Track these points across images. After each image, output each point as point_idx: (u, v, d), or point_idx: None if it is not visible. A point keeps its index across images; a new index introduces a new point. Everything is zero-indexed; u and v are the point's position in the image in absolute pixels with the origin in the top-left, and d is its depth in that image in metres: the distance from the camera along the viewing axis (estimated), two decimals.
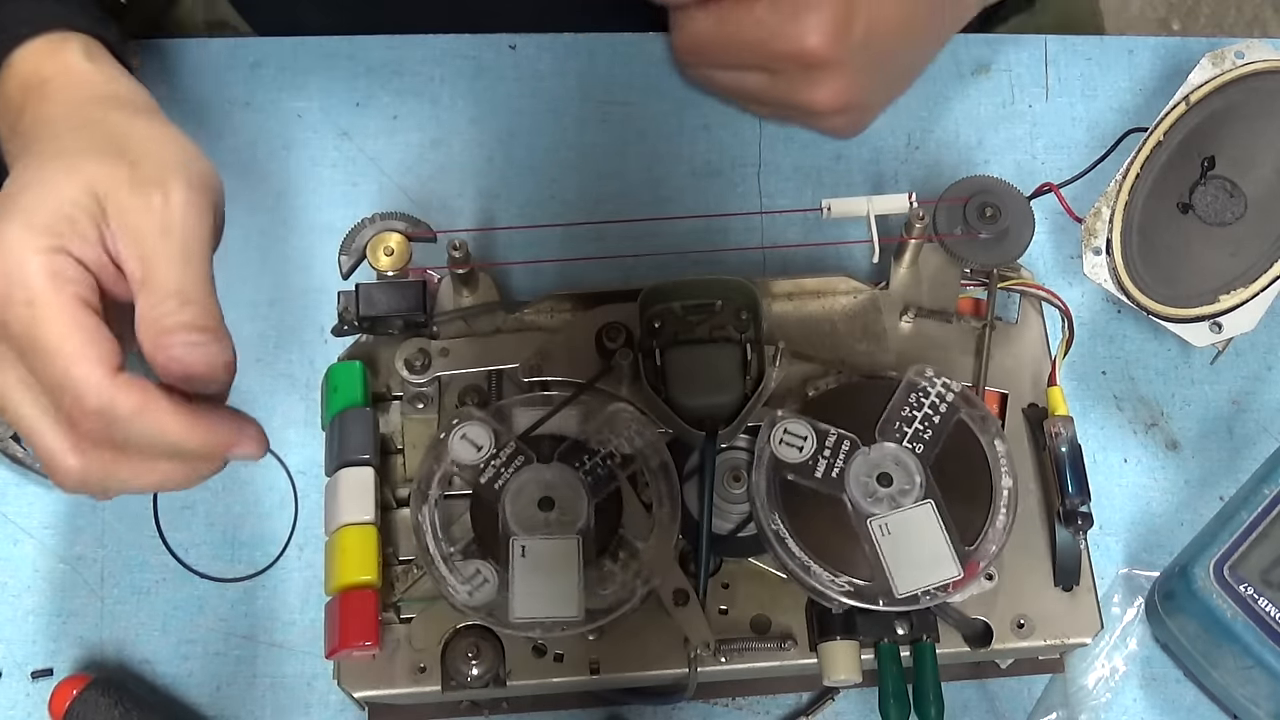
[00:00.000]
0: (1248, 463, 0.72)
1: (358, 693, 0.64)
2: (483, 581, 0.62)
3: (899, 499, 0.64)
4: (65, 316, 0.52)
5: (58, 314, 0.52)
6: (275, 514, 0.72)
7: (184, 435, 0.53)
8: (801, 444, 0.64)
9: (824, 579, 0.62)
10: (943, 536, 0.63)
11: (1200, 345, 0.71)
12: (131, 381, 0.52)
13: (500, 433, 0.65)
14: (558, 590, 0.62)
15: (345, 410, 0.66)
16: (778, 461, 0.64)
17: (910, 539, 0.63)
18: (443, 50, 0.80)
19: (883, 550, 0.63)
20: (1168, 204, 0.72)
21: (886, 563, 0.63)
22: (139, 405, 0.52)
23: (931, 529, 0.63)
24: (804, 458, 0.64)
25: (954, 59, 0.81)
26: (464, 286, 0.69)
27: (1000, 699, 0.70)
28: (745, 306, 0.68)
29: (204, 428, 0.54)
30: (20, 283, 0.52)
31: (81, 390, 0.52)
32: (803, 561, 0.63)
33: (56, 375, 0.52)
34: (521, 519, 0.63)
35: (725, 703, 0.69)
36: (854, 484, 0.64)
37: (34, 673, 0.69)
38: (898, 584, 0.62)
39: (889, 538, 0.63)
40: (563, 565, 0.62)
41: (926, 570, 0.62)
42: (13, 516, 0.71)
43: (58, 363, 0.52)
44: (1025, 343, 0.71)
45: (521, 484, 0.64)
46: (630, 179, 0.78)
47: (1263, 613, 0.63)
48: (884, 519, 0.63)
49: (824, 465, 0.64)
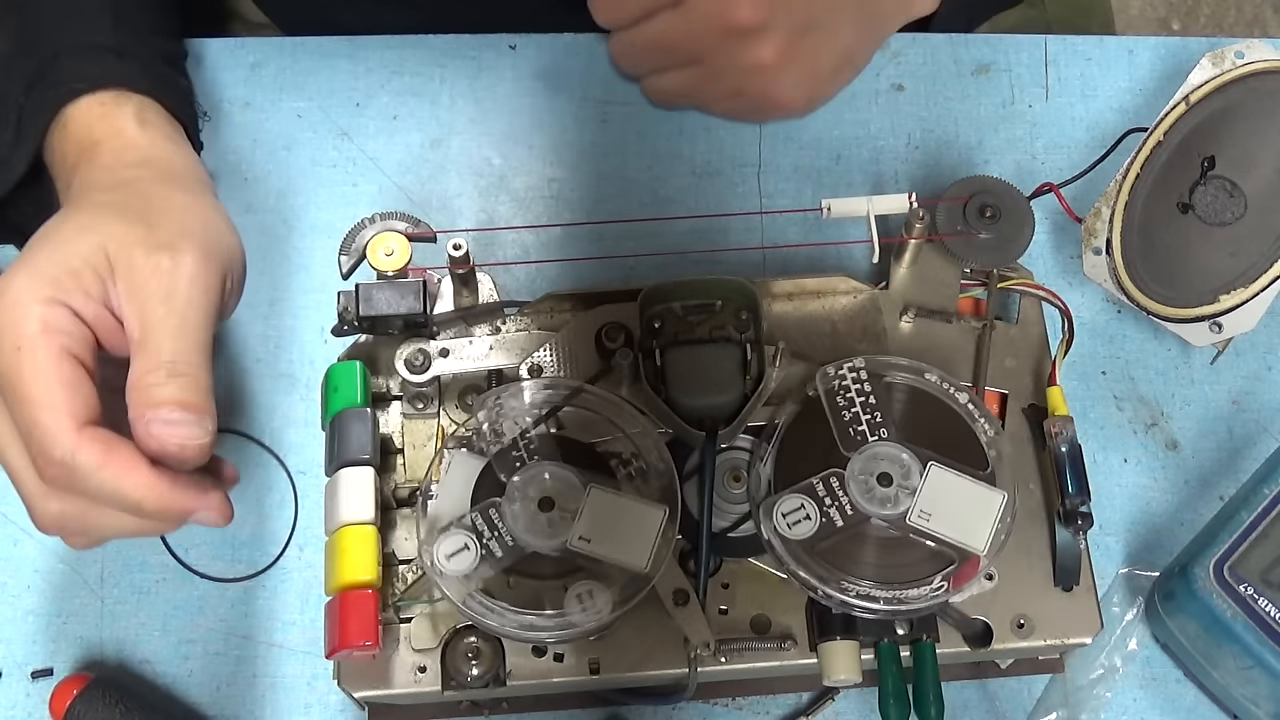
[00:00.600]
0: (1248, 463, 0.72)
1: (358, 693, 0.64)
2: (461, 548, 0.62)
3: (908, 482, 0.64)
4: (47, 365, 0.54)
5: (41, 362, 0.54)
6: (275, 514, 0.72)
7: (143, 495, 0.54)
8: (804, 515, 0.63)
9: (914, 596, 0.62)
10: (966, 480, 0.63)
11: (1200, 345, 0.71)
12: (97, 436, 0.54)
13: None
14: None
15: (345, 410, 0.66)
16: (804, 543, 0.63)
17: (948, 503, 0.63)
18: (443, 50, 0.80)
19: (940, 531, 0.63)
20: (1168, 204, 0.72)
21: (954, 539, 0.63)
22: (100, 461, 0.54)
23: (953, 482, 0.63)
24: (816, 524, 0.63)
25: (954, 59, 0.81)
26: (464, 286, 0.69)
27: (1000, 699, 0.70)
28: (745, 306, 0.68)
29: (164, 490, 0.55)
30: (13, 329, 0.54)
31: (46, 439, 0.53)
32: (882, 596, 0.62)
33: (27, 421, 0.54)
34: (521, 519, 0.63)
35: (725, 703, 0.69)
36: (867, 503, 0.64)
37: (34, 673, 0.69)
38: (975, 545, 0.62)
39: (934, 518, 0.63)
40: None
41: (980, 515, 0.63)
42: (13, 516, 0.71)
43: (30, 409, 0.53)
44: (1025, 343, 0.71)
45: (521, 484, 0.64)
46: (630, 179, 0.78)
47: (1263, 613, 0.63)
48: (915, 508, 0.63)
49: (836, 512, 0.64)
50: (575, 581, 0.62)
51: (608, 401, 0.66)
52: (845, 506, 0.63)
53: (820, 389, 0.65)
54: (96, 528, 0.57)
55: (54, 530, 0.57)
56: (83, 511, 0.56)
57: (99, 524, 0.56)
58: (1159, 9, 1.88)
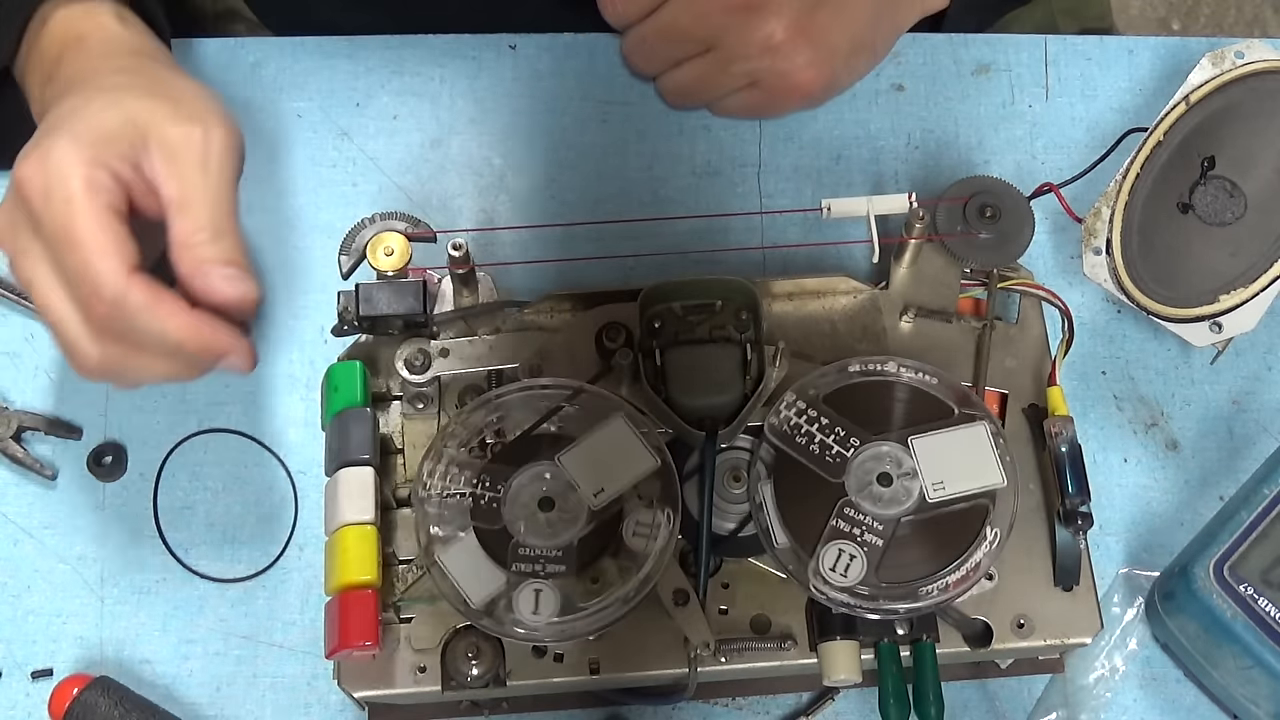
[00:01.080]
0: (1248, 463, 0.72)
1: (358, 693, 0.64)
2: (536, 594, 0.62)
3: (904, 469, 0.64)
4: (95, 218, 0.58)
5: (91, 213, 0.58)
6: (275, 514, 0.72)
7: (185, 335, 0.59)
8: (848, 557, 0.63)
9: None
10: (945, 432, 0.64)
11: (1200, 345, 0.71)
12: (145, 280, 0.59)
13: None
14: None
15: (345, 410, 0.66)
16: (865, 579, 0.63)
17: (947, 462, 0.64)
18: (443, 50, 0.80)
19: (959, 490, 0.64)
20: (1168, 204, 0.72)
21: (974, 488, 0.63)
22: (148, 301, 0.58)
23: (938, 442, 0.64)
24: (862, 557, 0.63)
25: (954, 59, 0.81)
26: (464, 286, 0.69)
27: (1000, 699, 0.70)
28: (745, 306, 0.68)
29: (204, 331, 0.60)
30: (62, 185, 0.59)
31: (100, 281, 0.58)
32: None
33: (80, 266, 0.58)
34: (521, 519, 0.63)
35: (725, 703, 0.69)
36: (886, 508, 0.64)
37: (34, 673, 0.69)
38: (994, 480, 0.63)
39: (946, 482, 0.64)
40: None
41: (978, 453, 0.64)
42: (13, 516, 0.71)
43: (82, 255, 0.58)
44: (1025, 343, 0.71)
45: (521, 484, 0.63)
46: (630, 179, 0.78)
47: (1263, 613, 0.63)
48: (925, 486, 0.64)
49: (871, 534, 0.63)
50: (623, 525, 0.63)
51: (607, 401, 0.66)
52: (873, 524, 0.63)
53: (776, 443, 0.65)
54: (135, 370, 0.61)
55: (97, 373, 0.60)
56: (125, 354, 0.60)
57: (138, 366, 0.61)
58: (1159, 9, 1.88)
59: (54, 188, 0.59)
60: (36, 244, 0.60)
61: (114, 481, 0.72)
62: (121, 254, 0.59)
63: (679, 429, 0.66)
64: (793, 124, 0.79)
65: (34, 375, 0.73)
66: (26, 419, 0.71)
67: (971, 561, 0.63)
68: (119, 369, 0.61)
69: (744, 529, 0.66)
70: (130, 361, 0.60)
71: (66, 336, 0.60)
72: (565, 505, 0.63)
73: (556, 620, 0.61)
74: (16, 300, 0.74)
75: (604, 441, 0.64)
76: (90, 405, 0.73)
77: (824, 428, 0.65)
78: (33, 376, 0.73)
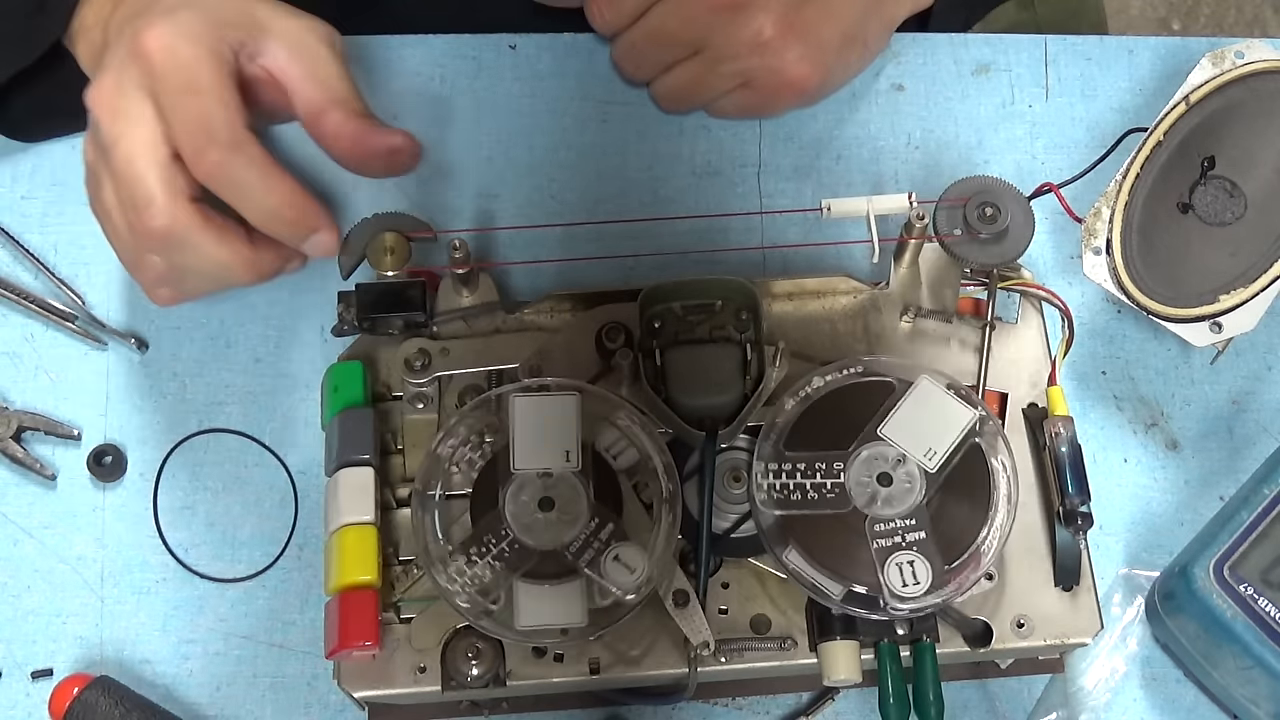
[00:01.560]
0: (1248, 463, 0.72)
1: (358, 693, 0.64)
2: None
3: (903, 465, 0.64)
4: (220, 72, 0.62)
5: (216, 69, 0.62)
6: (275, 514, 0.72)
7: (288, 199, 0.63)
8: (908, 568, 0.62)
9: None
10: (907, 402, 0.64)
11: (1200, 345, 0.71)
12: (257, 138, 0.62)
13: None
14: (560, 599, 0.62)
15: (345, 410, 0.66)
16: (933, 589, 0.62)
17: (920, 430, 0.64)
18: (443, 50, 0.80)
19: (946, 446, 0.63)
20: (1168, 204, 0.72)
21: (956, 437, 0.63)
22: (262, 156, 0.62)
23: (905, 418, 0.64)
24: (925, 565, 0.62)
25: (954, 59, 0.81)
26: (464, 286, 0.69)
27: (1000, 699, 0.70)
28: (745, 306, 0.68)
29: (307, 200, 0.64)
30: (191, 44, 0.61)
31: (219, 126, 0.61)
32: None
33: (200, 111, 0.61)
34: (521, 519, 0.63)
35: (725, 703, 0.69)
36: (900, 503, 0.63)
37: (34, 673, 0.69)
38: (964, 419, 0.64)
39: (933, 451, 0.63)
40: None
41: (944, 416, 0.64)
42: (13, 516, 0.71)
43: (206, 101, 0.61)
44: (1025, 343, 0.71)
45: (521, 484, 0.63)
46: (630, 179, 0.78)
47: (1263, 613, 0.63)
48: (921, 460, 0.63)
49: (913, 534, 0.63)
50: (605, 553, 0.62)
51: (607, 401, 0.66)
52: (905, 522, 0.63)
53: (775, 513, 0.63)
54: (199, 246, 0.63)
55: (159, 236, 0.62)
56: (199, 224, 0.62)
57: (206, 242, 0.63)
58: (1159, 9, 1.88)
59: (181, 47, 0.61)
60: (141, 96, 0.61)
61: (114, 481, 0.72)
62: (241, 109, 0.62)
63: (679, 429, 0.66)
64: (793, 124, 0.79)
65: (34, 375, 0.73)
66: (26, 419, 0.71)
67: (1002, 494, 0.63)
68: (184, 243, 0.62)
69: (743, 528, 0.66)
70: (200, 232, 0.62)
71: (145, 189, 0.61)
72: (565, 505, 0.63)
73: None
74: (17, 300, 0.74)
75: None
76: (90, 405, 0.73)
77: (803, 471, 0.64)
78: (33, 376, 0.73)
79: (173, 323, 0.74)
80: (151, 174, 0.61)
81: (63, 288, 0.74)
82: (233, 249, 0.64)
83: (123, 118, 0.61)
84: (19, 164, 0.77)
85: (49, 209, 0.76)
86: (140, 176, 0.61)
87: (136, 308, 0.74)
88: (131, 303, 0.74)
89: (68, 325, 0.73)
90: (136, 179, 0.61)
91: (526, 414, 0.64)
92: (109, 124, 0.62)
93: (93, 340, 0.73)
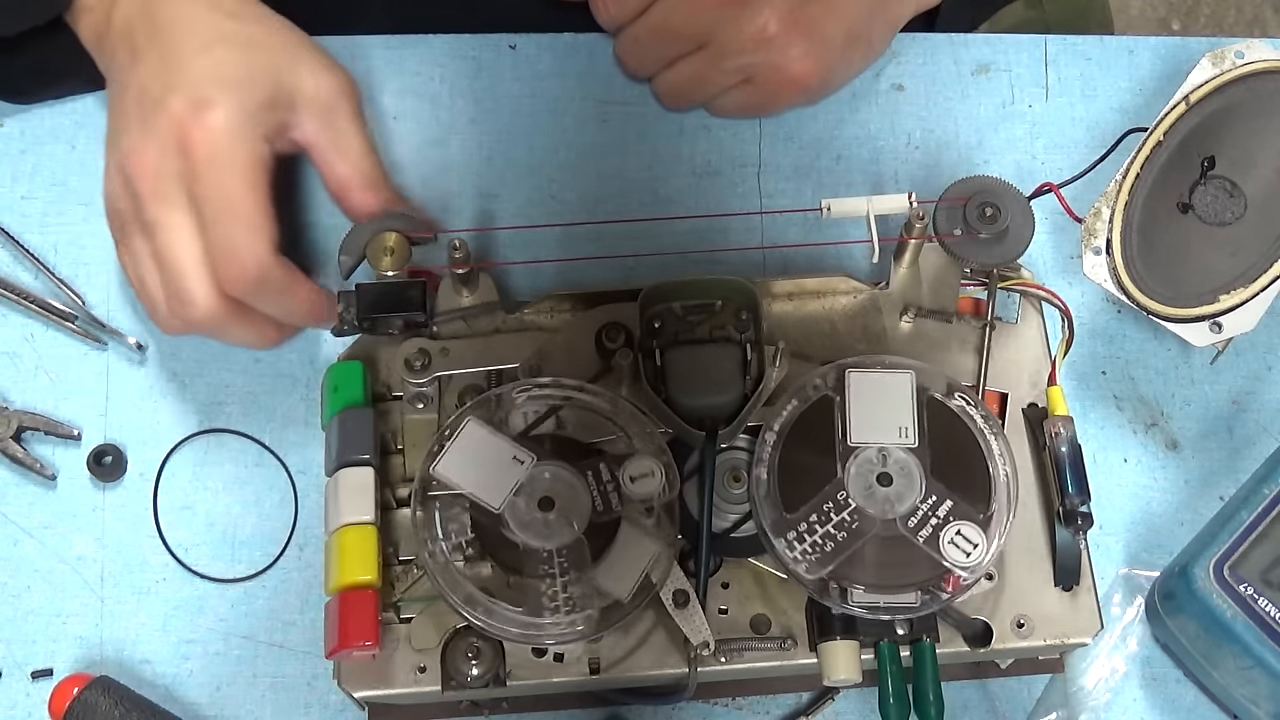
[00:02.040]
0: (1248, 463, 0.72)
1: (358, 693, 0.64)
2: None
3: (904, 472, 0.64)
4: (257, 194, 0.64)
5: (253, 191, 0.64)
6: (275, 514, 0.72)
7: (307, 309, 0.66)
8: (970, 543, 0.63)
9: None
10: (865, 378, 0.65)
11: (1200, 345, 0.71)
12: (283, 260, 0.64)
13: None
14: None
15: (345, 410, 0.66)
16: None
17: (875, 411, 0.64)
18: (443, 50, 0.80)
19: (895, 439, 0.64)
20: (1168, 204, 0.72)
21: (912, 416, 0.64)
22: (287, 280, 0.65)
23: (860, 393, 0.64)
24: (978, 550, 0.63)
25: (954, 59, 0.81)
26: (464, 286, 0.69)
27: (1000, 699, 0.70)
28: (745, 306, 0.68)
29: (321, 307, 0.67)
30: (230, 157, 0.63)
31: (247, 256, 0.63)
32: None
33: (231, 238, 0.63)
34: (521, 519, 0.63)
35: (725, 703, 0.69)
36: (910, 500, 0.63)
37: (34, 673, 0.69)
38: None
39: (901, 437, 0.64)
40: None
41: (896, 394, 0.64)
42: (13, 516, 0.71)
43: (239, 229, 0.63)
44: (1025, 343, 0.71)
45: (521, 484, 0.63)
46: (630, 179, 0.78)
47: (1263, 613, 0.63)
48: (899, 436, 0.64)
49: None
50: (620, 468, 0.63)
51: (607, 401, 0.66)
52: (928, 500, 0.63)
53: (824, 579, 0.62)
54: (230, 333, 0.66)
55: (194, 327, 0.65)
56: (233, 317, 0.65)
57: (237, 329, 0.66)
58: (1159, 9, 1.88)
59: (221, 157, 0.63)
60: (181, 195, 0.63)
61: (114, 481, 0.72)
62: (271, 233, 0.64)
63: (679, 429, 0.66)
64: (793, 124, 0.79)
65: (34, 375, 0.73)
66: (26, 419, 0.71)
67: (998, 453, 0.64)
68: (217, 330, 0.65)
69: (743, 529, 0.66)
70: (233, 323, 0.65)
71: (183, 285, 0.63)
72: (565, 505, 0.63)
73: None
74: (17, 300, 0.74)
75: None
76: (90, 405, 0.73)
77: (818, 521, 0.63)
78: (33, 376, 0.73)
79: None
80: (191, 272, 0.63)
81: (63, 288, 0.74)
82: (260, 333, 0.67)
83: (164, 205, 0.63)
84: (19, 164, 0.77)
85: (49, 209, 0.76)
86: (181, 272, 0.64)
87: (137, 308, 0.74)
88: (132, 303, 0.74)
89: (68, 325, 0.73)
90: (178, 273, 0.64)
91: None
92: (150, 203, 0.64)
93: (93, 340, 0.73)
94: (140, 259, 0.66)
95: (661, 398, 0.66)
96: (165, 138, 0.63)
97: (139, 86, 0.65)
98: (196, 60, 0.65)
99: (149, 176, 0.64)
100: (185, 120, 0.63)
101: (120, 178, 0.65)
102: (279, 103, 0.66)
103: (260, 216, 0.64)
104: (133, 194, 0.64)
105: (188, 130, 0.63)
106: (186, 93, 0.64)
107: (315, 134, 0.68)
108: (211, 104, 0.64)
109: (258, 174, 0.64)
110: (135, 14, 0.67)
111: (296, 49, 0.68)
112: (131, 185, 0.64)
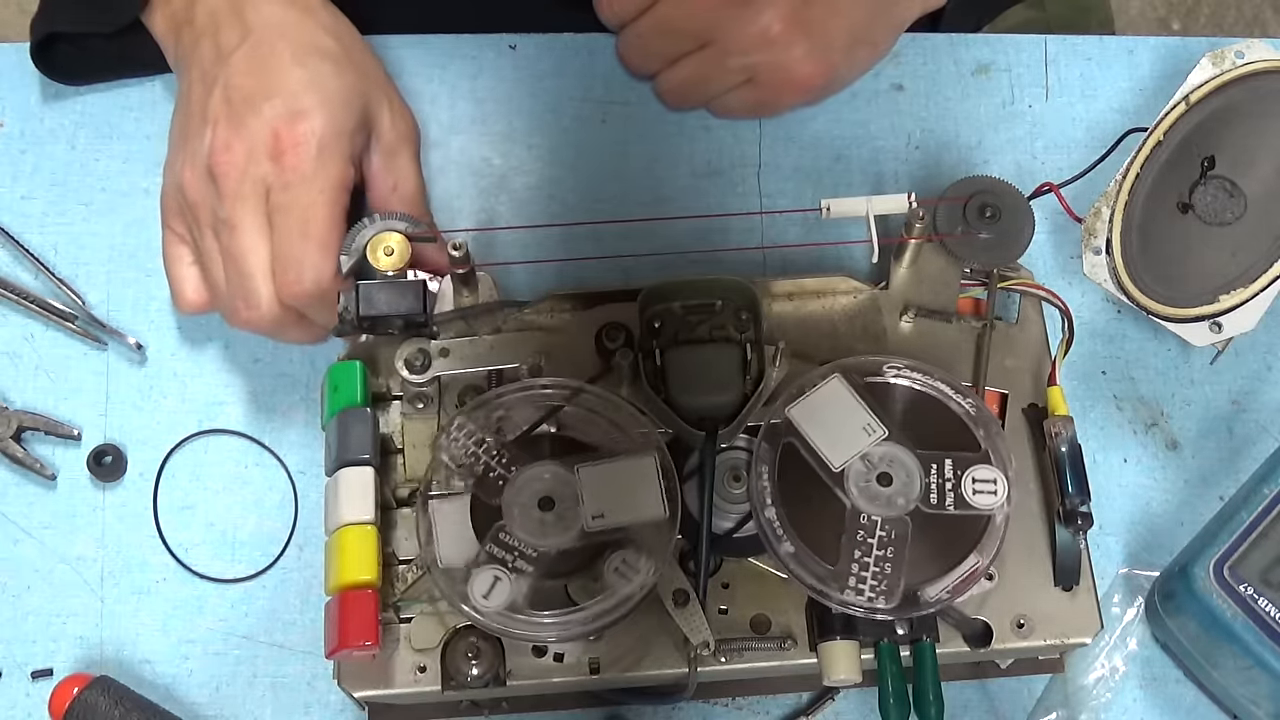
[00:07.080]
0: (1248, 463, 0.72)
1: (358, 693, 0.64)
2: (493, 582, 0.62)
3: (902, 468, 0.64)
4: (334, 216, 0.65)
5: (331, 213, 0.65)
6: (275, 514, 0.72)
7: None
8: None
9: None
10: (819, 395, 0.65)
11: (1200, 345, 0.71)
12: (339, 278, 0.66)
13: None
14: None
15: (345, 410, 0.66)
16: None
17: (828, 421, 0.64)
18: (443, 50, 0.80)
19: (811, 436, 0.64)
20: (1168, 204, 0.72)
21: (874, 417, 0.64)
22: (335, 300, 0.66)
23: (824, 407, 0.64)
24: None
25: (954, 59, 0.81)
26: (464, 286, 0.69)
27: (1000, 699, 0.70)
28: (745, 306, 0.68)
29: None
30: (321, 173, 0.65)
31: (310, 272, 0.64)
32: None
33: (300, 253, 0.64)
34: (521, 519, 0.63)
35: (725, 703, 0.69)
36: (913, 496, 0.63)
37: (34, 673, 0.69)
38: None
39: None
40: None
41: (845, 413, 0.64)
42: (13, 516, 0.71)
43: (310, 247, 0.64)
44: (1025, 343, 0.71)
45: (521, 484, 0.63)
46: (630, 179, 0.78)
47: (1263, 613, 0.63)
48: (888, 427, 0.64)
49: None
50: (607, 558, 0.62)
51: (608, 401, 0.66)
52: (935, 473, 0.63)
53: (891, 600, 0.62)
54: (286, 334, 0.68)
55: (254, 326, 0.66)
56: (290, 321, 0.67)
57: (291, 331, 0.68)
58: (1159, 9, 1.88)
59: (309, 170, 0.64)
60: (262, 200, 0.64)
61: (114, 481, 0.72)
62: (336, 250, 0.65)
63: (679, 429, 0.66)
64: (793, 124, 0.79)
65: (34, 375, 0.73)
66: (26, 419, 0.71)
67: (952, 392, 0.65)
68: (274, 333, 0.67)
69: (744, 529, 0.66)
70: (291, 327, 0.67)
71: (251, 287, 0.65)
72: (565, 501, 0.63)
73: (503, 614, 0.61)
74: (17, 300, 0.74)
75: (627, 471, 0.63)
76: (90, 405, 0.73)
77: (873, 547, 0.62)
78: (33, 376, 0.73)
79: (173, 323, 0.74)
80: (260, 278, 0.65)
81: (63, 288, 0.74)
82: (314, 335, 0.69)
83: (244, 207, 0.64)
84: (19, 164, 0.77)
85: (49, 209, 0.76)
86: (251, 274, 0.65)
87: (136, 308, 0.74)
88: (131, 303, 0.74)
89: (68, 325, 0.73)
90: (247, 274, 0.65)
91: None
92: (230, 202, 0.65)
93: (93, 340, 0.73)
94: (210, 253, 0.66)
95: (661, 398, 0.66)
96: (256, 140, 0.64)
97: (227, 83, 0.66)
98: (294, 69, 0.66)
99: (234, 176, 0.64)
100: (280, 128, 0.64)
101: (199, 169, 0.66)
102: (363, 128, 0.68)
103: (334, 237, 0.65)
104: (214, 189, 0.65)
105: (281, 137, 0.64)
106: (284, 100, 0.65)
107: (378, 168, 0.70)
108: (308, 115, 0.65)
109: (339, 194, 0.65)
110: (222, 9, 0.67)
111: (381, 79, 0.71)
112: (214, 180, 0.65)
